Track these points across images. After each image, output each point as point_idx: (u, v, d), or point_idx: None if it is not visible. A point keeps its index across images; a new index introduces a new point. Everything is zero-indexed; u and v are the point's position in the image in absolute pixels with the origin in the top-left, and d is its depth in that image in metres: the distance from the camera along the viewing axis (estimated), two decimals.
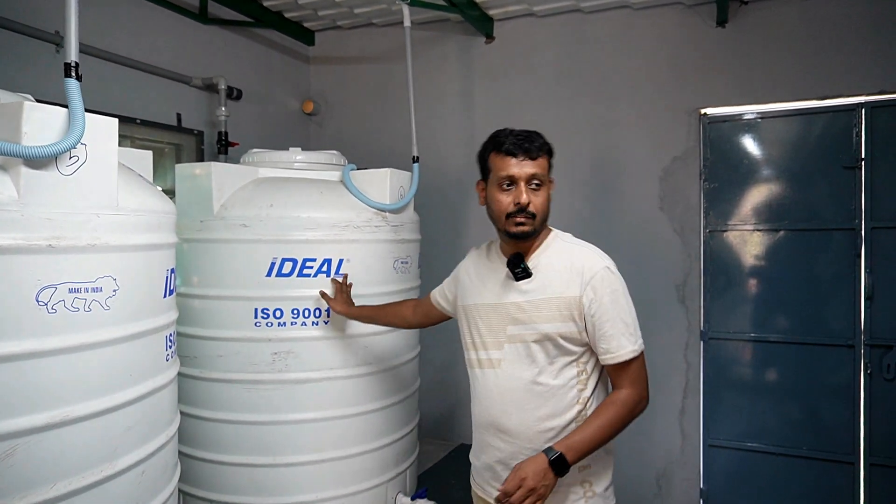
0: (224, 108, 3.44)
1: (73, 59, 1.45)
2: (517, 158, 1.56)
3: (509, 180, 1.58)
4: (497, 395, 1.61)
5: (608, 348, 1.56)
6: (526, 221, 1.56)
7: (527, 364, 1.58)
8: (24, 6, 2.67)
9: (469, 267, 1.81)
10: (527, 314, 1.58)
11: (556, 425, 1.56)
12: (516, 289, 1.61)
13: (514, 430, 1.58)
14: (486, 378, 1.65)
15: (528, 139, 1.58)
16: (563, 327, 1.55)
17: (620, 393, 1.57)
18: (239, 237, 2.51)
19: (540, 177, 1.58)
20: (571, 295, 1.55)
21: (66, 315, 1.44)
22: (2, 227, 1.33)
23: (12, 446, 1.36)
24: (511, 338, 1.60)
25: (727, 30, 3.32)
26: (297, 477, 2.60)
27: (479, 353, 1.67)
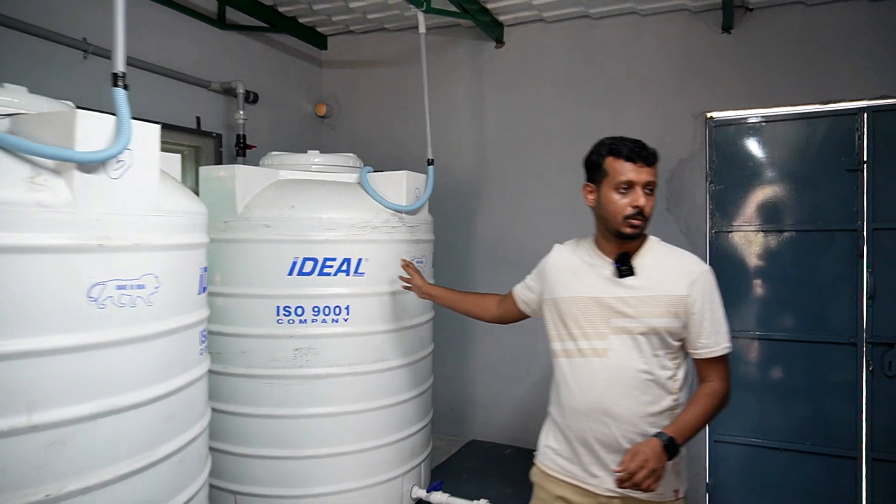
0: (242, 111, 3.54)
1: (121, 70, 1.54)
2: (636, 164, 1.66)
3: (627, 184, 1.67)
4: (604, 382, 1.69)
5: (707, 343, 1.70)
6: (640, 223, 1.67)
7: (635, 355, 1.68)
8: (52, 14, 2.77)
9: (558, 262, 1.88)
10: (634, 308, 1.68)
11: (656, 411, 1.68)
12: (620, 284, 1.71)
13: (621, 414, 1.67)
14: (590, 366, 1.72)
15: (644, 147, 1.69)
16: (668, 322, 1.67)
17: (716, 385, 1.71)
18: (262, 237, 2.61)
19: (653, 183, 1.70)
20: (678, 294, 1.67)
21: (114, 310, 1.53)
22: (58, 227, 1.43)
23: (68, 433, 1.45)
24: (616, 329, 1.69)
25: (732, 36, 3.41)
26: (317, 469, 2.69)
27: (580, 342, 1.74)
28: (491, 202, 4.01)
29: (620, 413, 1.68)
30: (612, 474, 1.66)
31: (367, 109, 4.38)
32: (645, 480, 1.52)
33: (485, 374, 4.07)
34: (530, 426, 3.88)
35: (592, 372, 1.72)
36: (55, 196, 1.43)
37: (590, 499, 1.75)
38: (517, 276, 4.22)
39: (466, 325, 4.02)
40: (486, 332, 4.03)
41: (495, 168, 3.99)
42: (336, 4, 3.74)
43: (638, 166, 1.67)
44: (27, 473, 1.40)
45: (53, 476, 1.44)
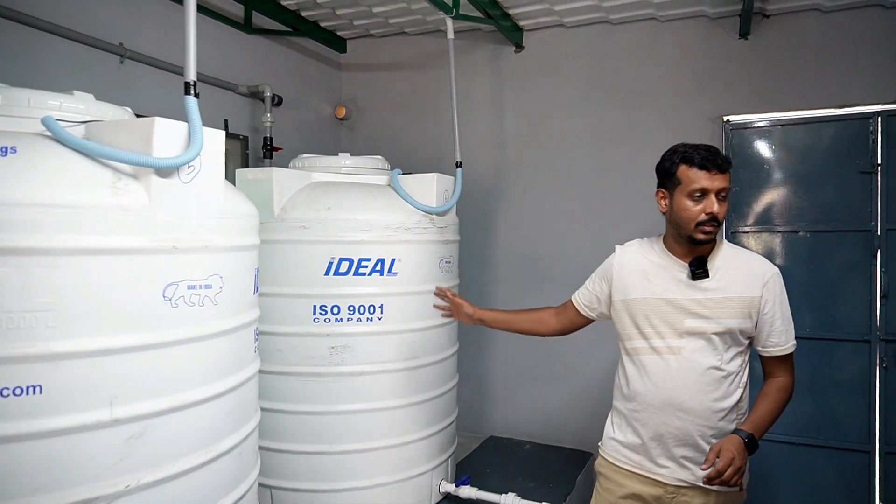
0: (269, 114, 3.60)
1: (192, 79, 1.62)
2: (709, 172, 1.72)
3: (701, 192, 1.73)
4: (679, 378, 1.77)
5: (778, 342, 1.81)
6: (713, 229, 1.74)
7: (708, 352, 1.76)
8: (90, 20, 2.82)
9: (626, 264, 1.93)
10: (710, 310, 1.76)
11: (726, 406, 1.78)
12: (695, 287, 1.78)
13: (693, 408, 1.76)
14: (665, 363, 1.80)
15: (717, 154, 1.75)
16: (742, 323, 1.76)
17: (784, 380, 1.83)
18: (299, 238, 2.67)
19: (726, 189, 1.75)
20: (752, 295, 1.76)
21: (185, 309, 1.61)
22: (137, 230, 1.50)
23: (144, 426, 1.52)
24: (690, 330, 1.77)
25: (749, 41, 3.49)
26: (351, 463, 2.76)
27: (653, 341, 1.82)
28: (510, 203, 4.09)
29: (694, 408, 1.76)
30: (679, 465, 1.79)
31: (386, 112, 4.44)
32: (733, 477, 1.61)
33: (503, 371, 4.14)
34: (548, 422, 3.97)
35: (667, 369, 1.79)
36: (135, 200, 1.50)
37: (657, 488, 1.84)
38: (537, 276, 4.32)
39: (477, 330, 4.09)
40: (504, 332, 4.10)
41: (515, 169, 4.07)
42: (359, 9, 3.80)
43: (712, 174, 1.72)
44: (109, 464, 1.47)
45: (132, 467, 1.51)
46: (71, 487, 1.41)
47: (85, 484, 1.43)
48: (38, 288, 1.36)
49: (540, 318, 2.18)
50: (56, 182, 1.41)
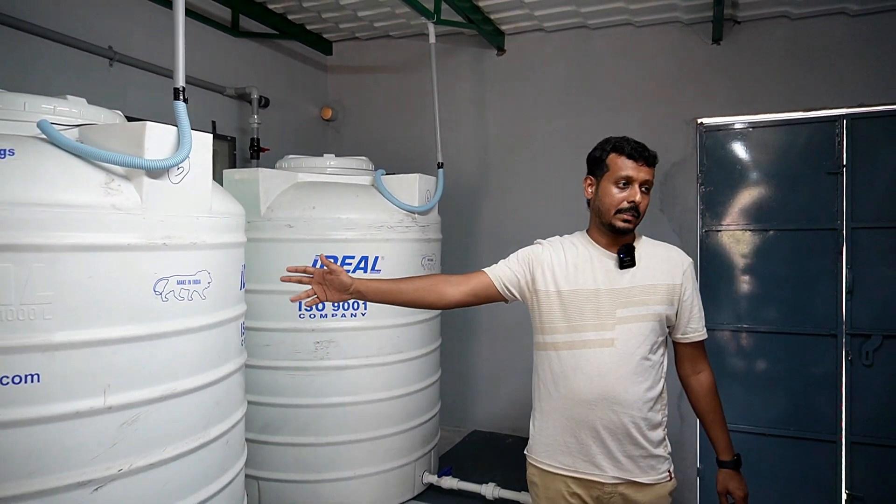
0: (256, 116, 3.68)
1: (181, 85, 1.70)
2: (636, 163, 1.75)
3: (626, 180, 1.75)
4: (613, 371, 1.75)
5: (696, 328, 1.86)
6: (632, 219, 1.76)
7: (639, 342, 1.76)
8: (80, 24, 2.89)
9: (558, 255, 1.86)
10: (639, 298, 1.77)
11: (653, 395, 1.80)
12: (624, 275, 1.79)
13: (627, 400, 1.75)
14: (598, 356, 1.76)
15: (646, 148, 1.79)
16: (668, 310, 1.80)
17: (708, 378, 1.90)
18: (284, 236, 2.76)
19: (650, 182, 1.78)
20: (675, 283, 1.81)
21: (175, 303, 1.69)
22: (129, 227, 1.59)
23: (136, 414, 1.61)
24: (624, 319, 1.76)
25: (721, 47, 3.62)
26: (337, 455, 2.86)
27: (585, 334, 1.78)
28: (493, 202, 4.19)
29: (628, 399, 1.75)
30: (615, 461, 1.77)
31: (371, 113, 4.53)
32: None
33: (485, 367, 4.25)
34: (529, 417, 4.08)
35: (600, 362, 1.76)
36: (127, 199, 1.59)
37: (595, 489, 1.80)
38: None
39: (468, 320, 4.20)
40: (487, 328, 4.21)
41: (496, 170, 4.17)
42: (344, 13, 3.89)
43: (638, 164, 1.75)
44: (103, 449, 1.56)
45: (125, 452, 1.60)
46: (66, 471, 1.50)
47: (79, 468, 1.52)
48: (36, 282, 1.45)
49: (434, 287, 1.84)
50: (52, 183, 1.50)
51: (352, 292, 1.79)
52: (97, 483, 1.54)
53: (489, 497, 3.05)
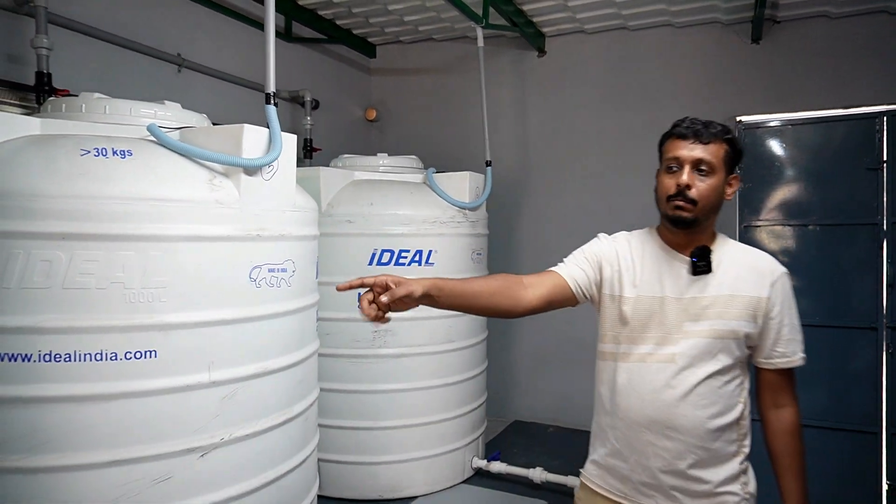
0: (309, 117, 3.86)
1: (272, 90, 1.87)
2: (687, 141, 1.49)
3: (675, 163, 1.50)
4: (669, 391, 1.50)
5: (784, 352, 1.53)
6: (684, 206, 1.47)
7: (707, 360, 1.50)
8: (150, 31, 3.08)
9: (624, 254, 1.62)
10: (713, 310, 1.50)
11: (724, 423, 1.51)
12: (697, 283, 1.52)
13: (686, 427, 1.49)
14: (655, 373, 1.52)
15: (705, 124, 1.50)
16: (747, 326, 1.50)
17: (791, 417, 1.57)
18: (344, 231, 2.93)
19: (709, 163, 1.47)
20: (759, 296, 1.51)
21: (266, 289, 1.86)
22: (230, 220, 1.75)
23: (235, 389, 1.78)
24: (689, 333, 1.51)
25: (761, 46, 3.70)
26: (392, 439, 3.01)
27: (643, 347, 1.54)
28: (534, 199, 4.32)
29: (686, 425, 1.50)
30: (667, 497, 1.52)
31: (413, 114, 4.69)
32: None
33: (527, 359, 4.37)
34: (571, 407, 4.20)
35: (657, 380, 1.52)
36: (227, 195, 1.76)
37: None
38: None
39: None
40: (528, 320, 4.33)
41: (538, 168, 4.30)
42: (391, 18, 4.05)
43: (689, 142, 1.48)
44: (207, 420, 1.73)
45: (225, 423, 1.77)
46: (178, 438, 1.67)
47: (189, 435, 1.69)
48: (154, 269, 1.62)
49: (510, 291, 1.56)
50: (165, 180, 1.67)
51: (421, 297, 1.40)
52: (203, 450, 1.71)
53: (536, 481, 3.18)
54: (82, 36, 2.77)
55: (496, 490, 3.23)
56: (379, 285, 1.41)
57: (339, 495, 3.00)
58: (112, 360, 1.58)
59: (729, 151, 1.51)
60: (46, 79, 2.39)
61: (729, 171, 1.52)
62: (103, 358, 1.57)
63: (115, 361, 1.58)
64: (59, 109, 1.88)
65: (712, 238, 1.58)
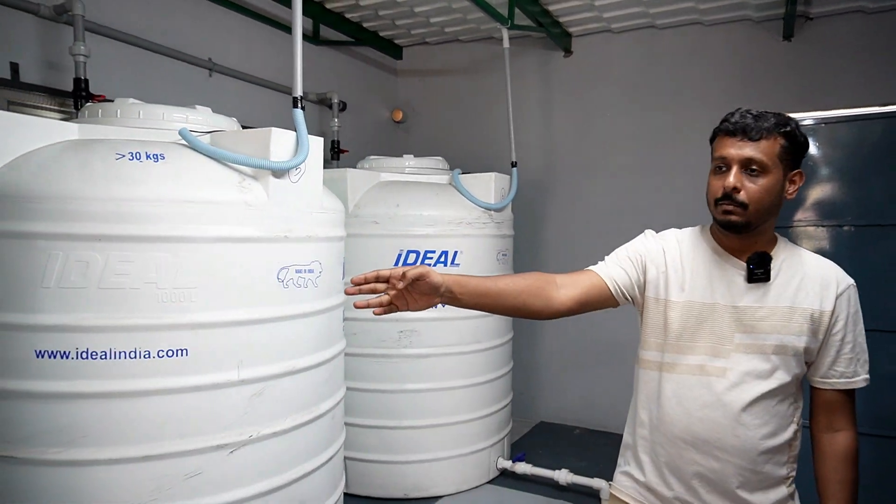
0: (336, 119, 3.90)
1: (300, 94, 1.89)
2: (735, 138, 1.36)
3: (722, 162, 1.37)
4: (720, 409, 1.39)
5: (844, 372, 1.42)
6: (734, 210, 1.34)
7: (762, 377, 1.39)
8: (181, 37, 3.15)
9: (673, 254, 1.50)
10: (768, 323, 1.39)
11: (775, 444, 1.41)
12: (753, 292, 1.40)
13: (735, 447, 1.39)
14: (703, 387, 1.41)
15: (757, 117, 1.37)
16: (808, 341, 1.38)
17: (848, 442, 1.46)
18: (371, 232, 2.96)
19: (759, 162, 1.33)
20: (822, 308, 1.39)
21: (294, 290, 1.89)
22: (258, 222, 1.79)
23: (263, 387, 1.81)
24: (742, 346, 1.40)
25: (793, 43, 3.63)
26: (417, 438, 3.03)
27: (691, 357, 1.42)
28: (558, 199, 4.30)
29: (736, 445, 1.39)
30: None
31: (439, 115, 4.71)
32: None
33: (553, 359, 4.36)
34: (596, 409, 4.17)
35: (706, 395, 1.40)
36: (256, 197, 1.80)
37: None
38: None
39: None
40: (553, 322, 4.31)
41: (564, 168, 4.28)
42: (417, 19, 4.07)
43: (738, 140, 1.35)
44: (235, 417, 1.77)
45: (254, 421, 1.80)
46: (208, 434, 1.71)
47: (219, 432, 1.73)
48: (185, 269, 1.66)
49: (541, 290, 1.44)
50: (197, 183, 1.72)
51: (443, 293, 1.33)
52: (232, 447, 1.75)
53: (562, 482, 3.17)
54: (117, 42, 2.84)
55: (521, 491, 3.23)
56: (395, 277, 1.29)
57: (365, 493, 3.03)
58: (145, 357, 1.63)
59: (786, 146, 1.36)
60: (84, 84, 2.46)
61: (790, 167, 1.37)
62: (137, 356, 1.62)
63: (148, 359, 1.63)
64: (96, 115, 1.94)
65: (771, 242, 1.44)
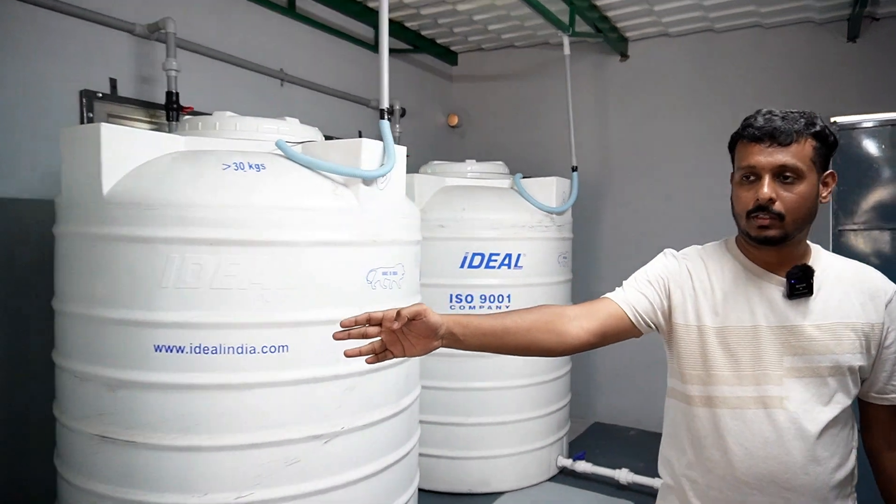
0: (398, 125, 4.03)
1: (386, 106, 2.01)
2: (763, 145, 1.23)
3: (750, 172, 1.25)
4: (786, 443, 1.25)
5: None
6: (771, 223, 1.22)
7: (824, 404, 1.26)
8: (256, 49, 3.32)
9: (700, 274, 1.36)
10: (819, 342, 1.25)
11: (844, 476, 1.29)
12: (796, 309, 1.27)
13: (807, 485, 1.25)
14: (763, 421, 1.26)
15: (784, 118, 1.25)
16: (862, 360, 1.27)
17: None
18: (438, 235, 3.06)
19: (794, 168, 1.21)
20: (871, 321, 1.27)
21: (381, 290, 2.01)
22: (350, 227, 1.91)
23: (355, 382, 1.93)
24: (795, 370, 1.26)
25: (858, 44, 3.59)
26: (482, 435, 3.13)
27: (740, 388, 1.28)
28: (614, 202, 4.34)
29: (806, 483, 1.25)
30: None
31: (493, 119, 4.79)
32: None
33: (608, 360, 4.39)
34: (652, 411, 4.18)
35: (765, 429, 1.26)
36: (348, 203, 1.92)
37: None
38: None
39: None
40: None
41: (619, 171, 4.32)
42: (475, 27, 4.17)
43: (766, 146, 1.23)
44: (331, 410, 1.89)
45: (346, 413, 1.92)
46: (306, 424, 1.84)
47: (316, 422, 1.85)
48: (286, 271, 1.79)
49: (552, 325, 1.29)
50: (296, 191, 1.85)
51: (443, 335, 1.22)
52: (327, 437, 1.87)
53: (623, 482, 3.22)
54: (199, 56, 3.02)
55: (581, 489, 3.29)
56: (389, 318, 1.16)
57: (431, 488, 3.14)
58: (251, 353, 1.76)
59: (819, 147, 1.25)
60: (175, 97, 2.63)
61: (822, 169, 1.27)
62: (244, 351, 1.75)
63: (253, 354, 1.77)
64: (196, 127, 2.09)
65: (807, 252, 1.32)
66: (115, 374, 1.76)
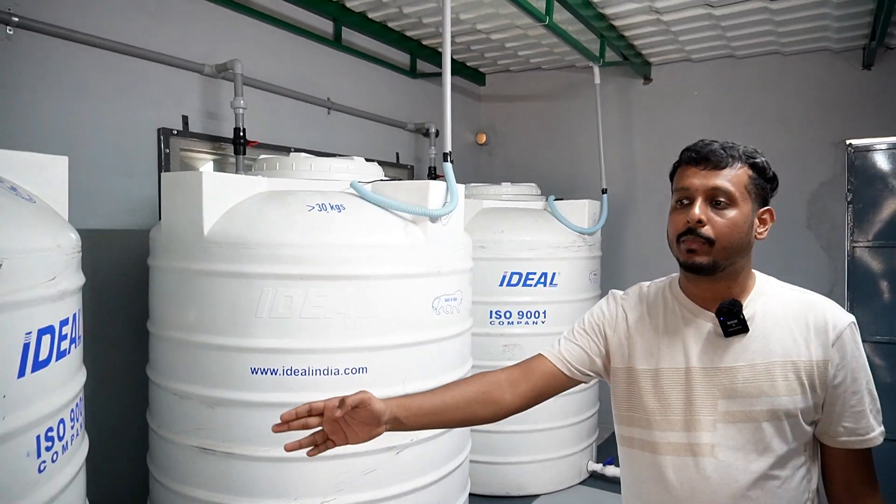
0: (433, 147, 4.25)
1: (449, 150, 2.23)
2: (698, 167, 1.19)
3: (685, 194, 1.19)
4: (713, 492, 1.17)
5: (856, 429, 1.17)
6: (699, 248, 1.16)
7: (758, 451, 1.17)
8: (304, 81, 3.53)
9: (636, 314, 1.32)
10: (752, 384, 1.17)
11: None
12: (731, 348, 1.19)
13: None
14: (690, 468, 1.19)
15: (723, 146, 1.19)
16: (803, 401, 1.16)
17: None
18: (479, 256, 3.25)
19: (726, 192, 1.16)
20: (814, 359, 1.17)
21: (444, 316, 2.23)
22: (418, 260, 2.13)
23: None
24: (728, 415, 1.18)
25: (872, 72, 3.79)
26: (518, 441, 3.35)
27: (671, 434, 1.21)
28: (638, 222, 4.54)
29: None
30: None
31: (520, 138, 5.01)
32: None
33: None
34: None
35: (692, 477, 1.19)
36: (417, 240, 2.14)
37: None
38: None
39: None
40: None
41: (643, 191, 4.52)
42: (505, 52, 4.38)
43: (701, 169, 1.18)
44: None
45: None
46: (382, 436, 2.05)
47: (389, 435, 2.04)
48: (365, 301, 2.02)
49: (488, 396, 1.33)
50: (372, 229, 2.07)
51: (387, 421, 1.22)
52: (398, 448, 2.10)
53: None
54: (256, 90, 3.24)
55: (611, 492, 3.50)
56: (331, 408, 1.14)
57: (473, 491, 3.33)
58: (335, 374, 1.99)
59: (755, 178, 1.19)
60: (242, 132, 2.86)
61: (759, 203, 1.21)
62: (329, 373, 1.98)
63: (337, 376, 1.99)
64: (274, 167, 2.32)
65: (745, 285, 1.24)
66: (213, 394, 1.99)
